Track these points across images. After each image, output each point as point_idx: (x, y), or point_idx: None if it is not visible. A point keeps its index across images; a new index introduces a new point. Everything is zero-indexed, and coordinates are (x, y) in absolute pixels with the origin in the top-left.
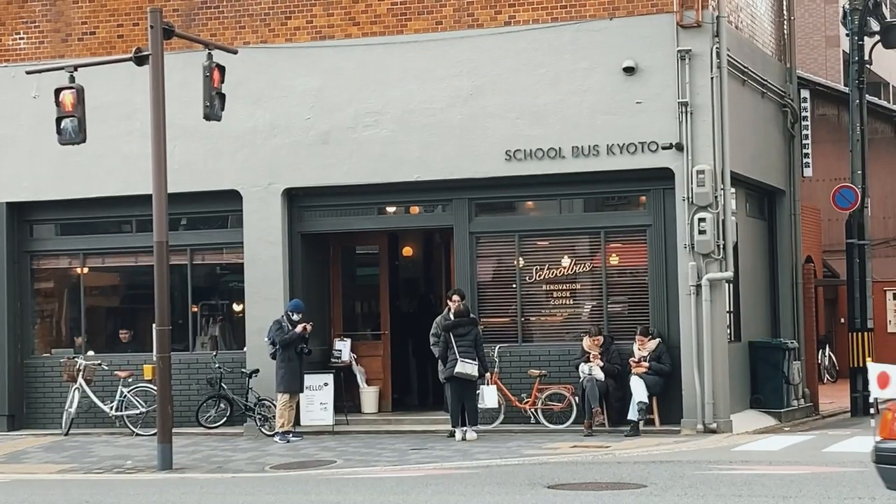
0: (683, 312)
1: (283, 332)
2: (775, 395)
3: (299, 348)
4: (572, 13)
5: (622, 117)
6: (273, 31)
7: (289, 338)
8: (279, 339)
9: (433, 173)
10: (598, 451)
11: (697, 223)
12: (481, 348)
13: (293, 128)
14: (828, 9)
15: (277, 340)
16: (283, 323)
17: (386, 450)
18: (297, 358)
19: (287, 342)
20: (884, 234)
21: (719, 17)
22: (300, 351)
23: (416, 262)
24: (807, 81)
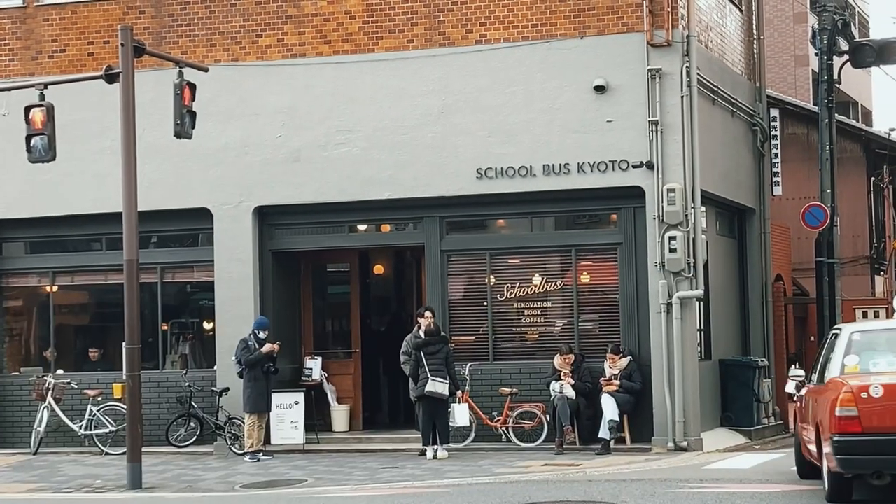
0: (654, 330)
1: (248, 352)
2: (746, 413)
3: (265, 367)
4: (543, 32)
5: (593, 136)
6: (244, 50)
7: (254, 358)
8: (245, 358)
9: (404, 191)
10: (569, 470)
11: (668, 241)
12: (452, 366)
13: (264, 146)
14: (797, 28)
15: (243, 360)
16: (250, 342)
17: (357, 469)
18: (264, 377)
19: (253, 362)
20: (853, 253)
21: (689, 37)
22: (267, 370)
23: (388, 280)
24: (776, 100)
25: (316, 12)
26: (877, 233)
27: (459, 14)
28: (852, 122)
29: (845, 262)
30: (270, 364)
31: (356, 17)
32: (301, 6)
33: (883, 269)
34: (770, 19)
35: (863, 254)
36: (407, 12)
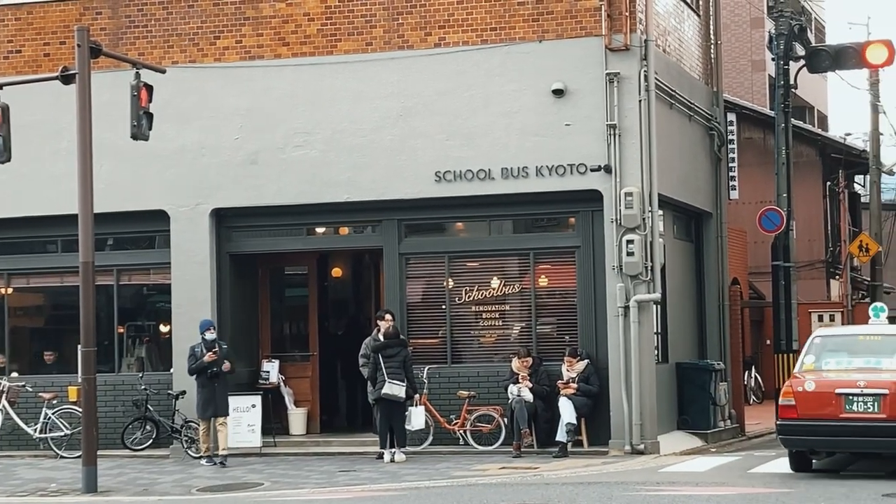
0: (612, 334)
1: (193, 359)
2: (702, 417)
3: (210, 373)
4: (502, 35)
5: (551, 139)
6: (202, 51)
7: (196, 367)
8: (189, 366)
9: (363, 194)
10: (527, 473)
11: (625, 245)
12: (410, 370)
13: (222, 148)
14: (754, 34)
15: (189, 369)
16: (197, 348)
17: (314, 472)
18: (209, 383)
19: (195, 370)
20: (809, 257)
21: (647, 41)
22: (212, 375)
23: (346, 283)
24: (733, 105)
25: (274, 14)
26: (832, 237)
27: (418, 17)
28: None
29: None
30: (213, 369)
31: (315, 20)
32: (259, 8)
33: (838, 272)
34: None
35: (819, 258)
36: (366, 15)
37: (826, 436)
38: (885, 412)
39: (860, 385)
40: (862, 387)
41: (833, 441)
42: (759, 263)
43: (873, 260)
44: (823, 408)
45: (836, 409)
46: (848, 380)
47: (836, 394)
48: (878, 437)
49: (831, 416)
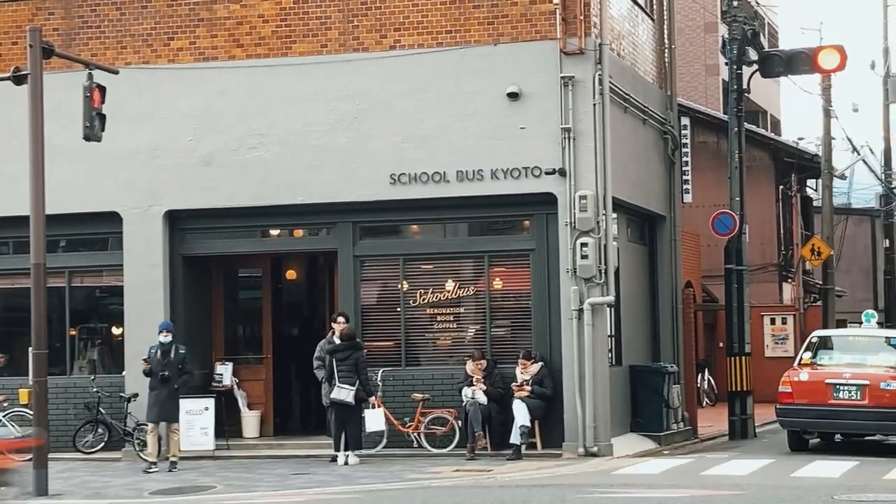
0: (565, 336)
1: (146, 362)
2: (655, 419)
3: (159, 377)
4: (457, 38)
5: (506, 142)
6: (155, 52)
7: (144, 371)
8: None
9: (317, 196)
10: (481, 475)
11: (580, 248)
12: (363, 372)
13: (175, 149)
14: (708, 38)
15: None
16: (152, 350)
17: (267, 475)
18: (159, 386)
19: (145, 374)
20: (761, 260)
21: (602, 45)
22: (161, 379)
23: (300, 286)
24: (687, 109)
25: (228, 16)
26: (785, 240)
27: (374, 19)
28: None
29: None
30: (162, 372)
31: (269, 21)
32: (213, 9)
33: (791, 276)
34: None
35: (771, 261)
36: (321, 17)
37: (816, 418)
38: (866, 399)
39: (846, 377)
40: (848, 378)
41: (822, 423)
42: (713, 267)
43: (825, 263)
44: (815, 395)
45: (826, 396)
46: (836, 372)
47: (826, 383)
48: (860, 420)
49: (821, 401)
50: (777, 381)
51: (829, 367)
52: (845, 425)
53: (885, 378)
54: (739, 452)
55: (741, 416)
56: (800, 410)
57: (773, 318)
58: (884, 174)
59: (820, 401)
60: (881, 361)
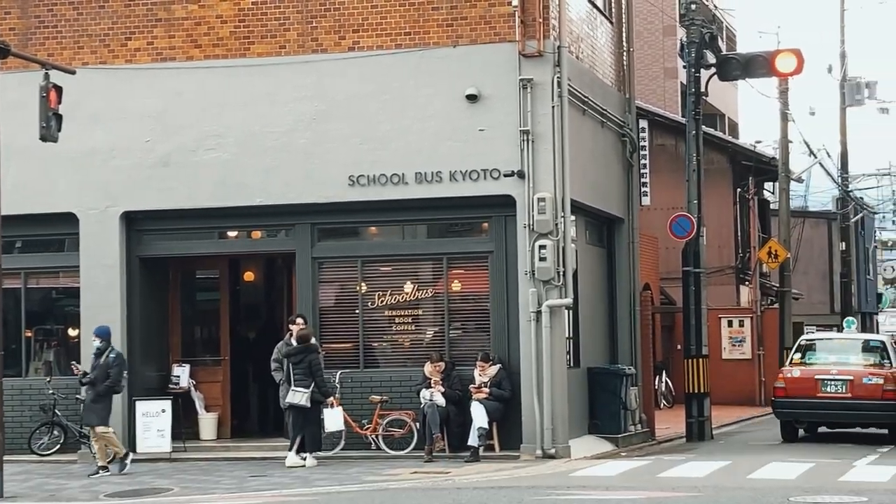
0: (524, 338)
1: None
2: (613, 421)
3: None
4: (416, 40)
5: (465, 144)
6: (113, 52)
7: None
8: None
9: (276, 198)
10: (438, 478)
11: (538, 250)
12: (318, 374)
13: (133, 150)
14: (666, 41)
15: None
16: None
17: (224, 477)
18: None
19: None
20: (719, 263)
21: (560, 48)
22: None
23: (258, 287)
24: (645, 112)
25: (186, 16)
26: (742, 243)
27: (332, 21)
28: (719, 134)
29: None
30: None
31: (227, 22)
32: (171, 10)
33: (748, 278)
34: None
35: (729, 264)
36: (279, 18)
37: (807, 409)
38: (850, 393)
39: (833, 372)
40: (834, 374)
41: (812, 413)
42: (671, 269)
43: (782, 266)
44: (805, 389)
45: (815, 389)
46: (824, 369)
47: (815, 378)
48: (845, 411)
49: (811, 394)
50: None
51: (818, 364)
52: (831, 415)
53: (865, 374)
54: (696, 454)
55: (698, 418)
56: (792, 403)
57: (731, 321)
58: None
59: (810, 394)
60: (861, 360)
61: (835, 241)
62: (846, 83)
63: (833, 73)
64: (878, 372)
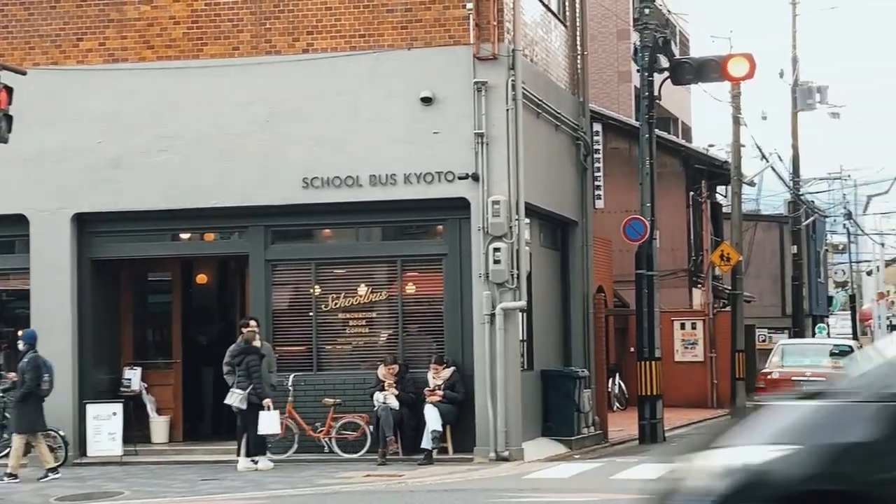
0: (478, 341)
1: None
2: (566, 423)
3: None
4: (371, 42)
5: (419, 147)
6: (64, 53)
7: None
8: None
9: (229, 200)
10: (392, 480)
11: (492, 253)
12: (255, 376)
13: (84, 151)
14: (620, 45)
15: None
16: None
17: (176, 480)
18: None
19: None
20: (672, 266)
21: (515, 51)
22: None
23: (211, 290)
24: (599, 115)
25: (139, 17)
26: (695, 246)
27: (286, 22)
28: (672, 137)
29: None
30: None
31: (180, 23)
32: (123, 10)
33: (700, 281)
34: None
35: (681, 267)
36: (233, 19)
37: None
38: None
39: (808, 374)
40: (809, 375)
41: None
42: (624, 272)
43: (734, 269)
44: (783, 388)
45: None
46: (800, 371)
47: (791, 379)
48: None
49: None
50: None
51: (794, 367)
52: None
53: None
54: (649, 456)
55: (651, 421)
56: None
57: (683, 323)
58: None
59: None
60: (832, 362)
61: (786, 245)
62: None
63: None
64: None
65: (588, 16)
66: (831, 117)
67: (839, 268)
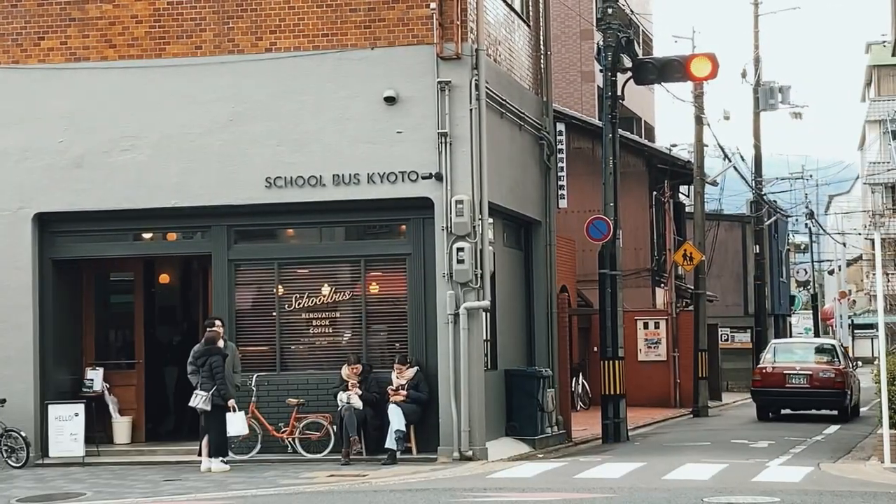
0: (441, 341)
1: None
2: (530, 423)
3: None
4: (334, 42)
5: (383, 146)
6: (25, 52)
7: None
8: None
9: (191, 199)
10: (355, 480)
11: (456, 252)
12: (219, 377)
13: (46, 151)
14: (584, 45)
15: None
16: None
17: (139, 481)
18: None
19: None
20: (635, 265)
21: (478, 50)
22: None
23: (174, 290)
24: (563, 115)
25: (101, 15)
26: (658, 246)
27: (249, 21)
28: (635, 137)
29: (628, 274)
30: None
31: (142, 22)
32: (85, 9)
33: (663, 281)
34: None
35: (644, 266)
36: (195, 18)
37: (777, 396)
38: (809, 384)
39: (797, 368)
40: (798, 370)
41: (780, 400)
42: (587, 271)
43: (697, 268)
44: (776, 381)
45: (783, 381)
46: (790, 366)
47: (783, 373)
48: (806, 398)
49: (779, 385)
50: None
51: (785, 362)
52: (795, 402)
53: (821, 369)
54: (612, 455)
55: (614, 420)
56: (766, 392)
57: (647, 323)
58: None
59: (779, 385)
60: (817, 359)
61: (749, 244)
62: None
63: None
64: (830, 367)
65: (551, 16)
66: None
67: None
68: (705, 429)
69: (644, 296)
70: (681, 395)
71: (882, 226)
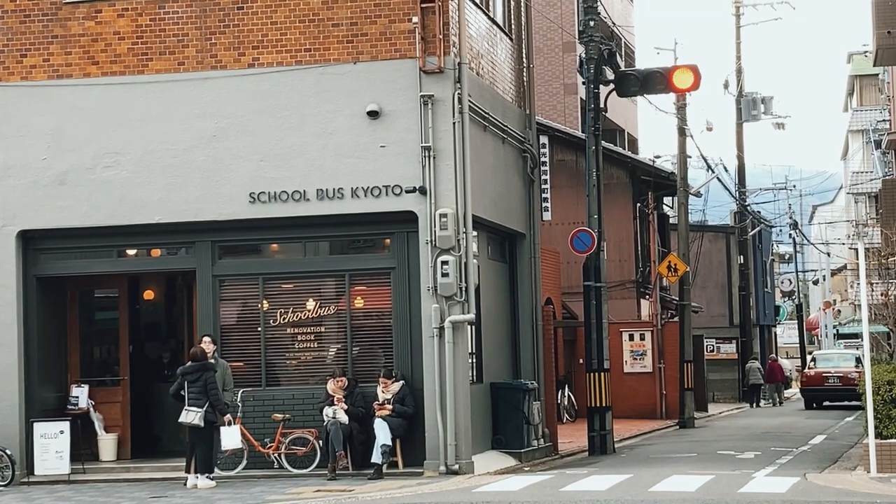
0: (426, 355)
1: None
2: (516, 436)
3: None
4: (316, 56)
5: (366, 161)
6: (7, 69)
7: None
8: None
9: (175, 215)
10: (342, 495)
11: (440, 266)
12: (212, 393)
13: (29, 168)
14: (566, 57)
15: None
16: None
17: (124, 499)
18: None
19: None
20: (619, 277)
21: (461, 64)
22: None
23: (158, 306)
24: (546, 127)
25: (83, 32)
26: (642, 257)
27: (231, 37)
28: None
29: (612, 285)
30: None
31: (125, 38)
32: (67, 26)
33: (648, 292)
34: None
35: (629, 278)
36: (178, 34)
37: (819, 392)
38: (842, 384)
39: (832, 372)
40: (833, 373)
41: (821, 395)
42: (572, 284)
43: (681, 280)
44: (817, 381)
45: (822, 381)
46: (827, 370)
47: (822, 375)
48: (839, 393)
49: (820, 384)
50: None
51: (823, 368)
52: (832, 396)
53: (851, 372)
54: (599, 468)
55: (600, 432)
56: (811, 389)
57: (632, 334)
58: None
59: (819, 384)
60: (846, 365)
61: (733, 255)
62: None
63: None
64: (855, 371)
65: (534, 29)
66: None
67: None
68: (691, 440)
69: (629, 307)
70: (667, 406)
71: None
